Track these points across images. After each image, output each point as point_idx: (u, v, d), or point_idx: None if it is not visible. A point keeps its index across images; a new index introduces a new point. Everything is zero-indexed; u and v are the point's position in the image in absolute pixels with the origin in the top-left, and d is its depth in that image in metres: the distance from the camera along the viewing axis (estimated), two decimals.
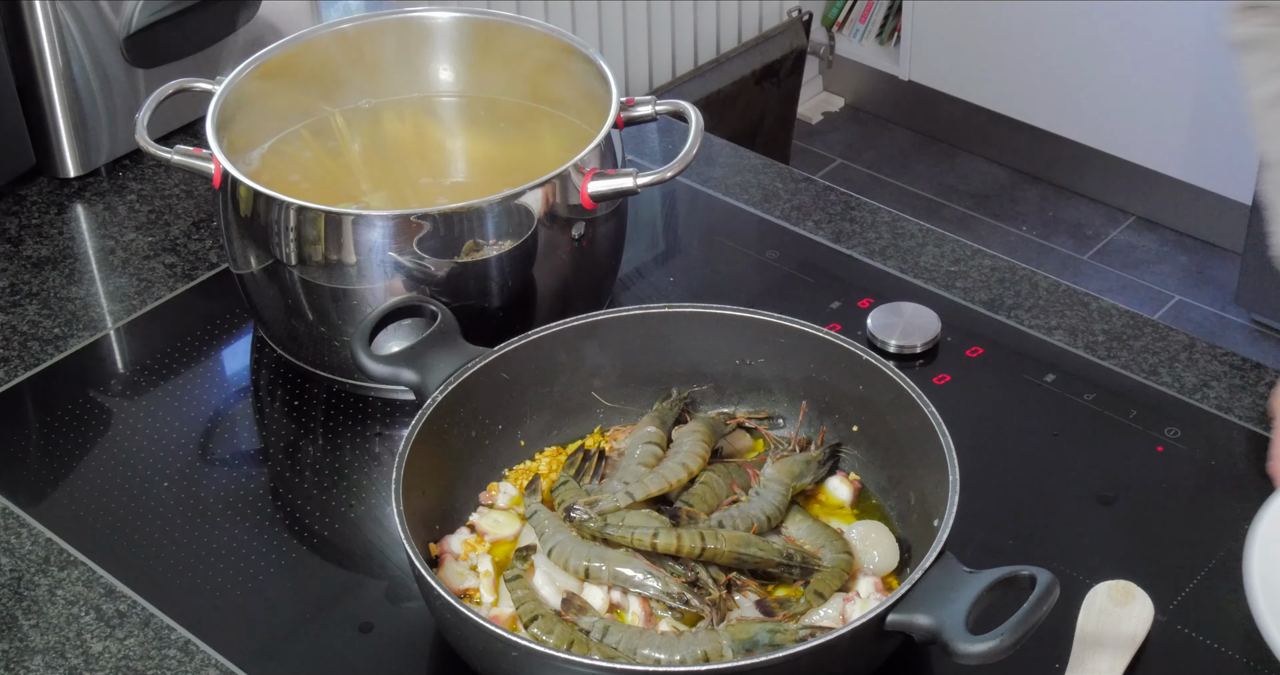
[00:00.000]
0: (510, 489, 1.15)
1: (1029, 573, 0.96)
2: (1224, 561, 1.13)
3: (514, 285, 1.25)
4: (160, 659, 1.09)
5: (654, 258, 1.45)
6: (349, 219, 1.20)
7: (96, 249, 1.46)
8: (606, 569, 1.05)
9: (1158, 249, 3.15)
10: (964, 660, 0.93)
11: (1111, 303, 1.36)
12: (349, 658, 1.08)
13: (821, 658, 0.95)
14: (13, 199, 1.52)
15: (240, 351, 1.35)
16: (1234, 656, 1.07)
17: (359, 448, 1.25)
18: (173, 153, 1.27)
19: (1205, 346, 1.31)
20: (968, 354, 1.30)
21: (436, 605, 1.01)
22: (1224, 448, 1.22)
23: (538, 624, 1.02)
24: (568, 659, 0.97)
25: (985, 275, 1.39)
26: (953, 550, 0.99)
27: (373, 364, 1.14)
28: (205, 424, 1.28)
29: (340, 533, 1.18)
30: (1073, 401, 1.26)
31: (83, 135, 1.52)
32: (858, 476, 1.15)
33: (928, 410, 1.08)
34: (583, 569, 1.05)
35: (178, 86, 1.33)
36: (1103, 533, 1.17)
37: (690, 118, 1.28)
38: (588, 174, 1.24)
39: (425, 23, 1.40)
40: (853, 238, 1.43)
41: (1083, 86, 3.15)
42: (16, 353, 1.34)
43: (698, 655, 0.99)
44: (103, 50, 1.50)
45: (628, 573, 1.05)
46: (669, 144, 1.56)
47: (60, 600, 1.13)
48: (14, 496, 1.21)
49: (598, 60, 1.33)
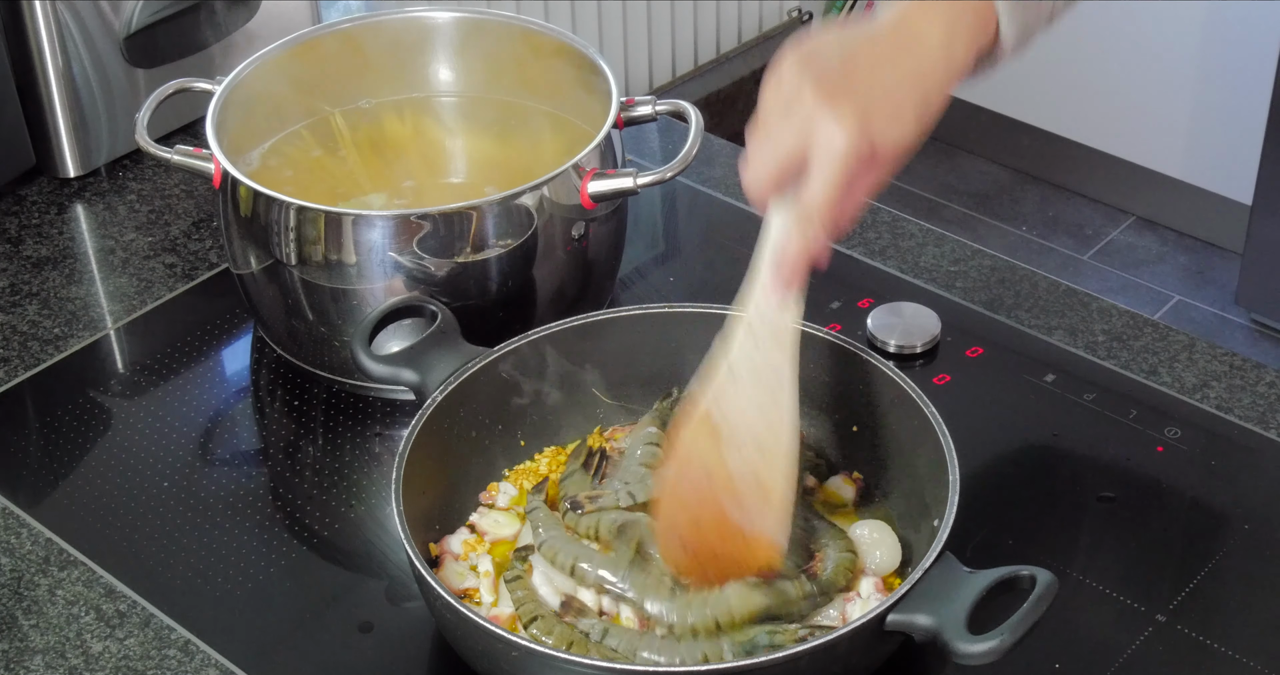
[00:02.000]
0: (510, 489, 1.15)
1: (1029, 573, 0.96)
2: (1224, 561, 1.13)
3: (514, 285, 1.25)
4: (160, 659, 1.09)
5: (654, 258, 1.45)
6: (349, 219, 1.20)
7: (96, 249, 1.46)
8: (592, 570, 1.05)
9: (1158, 249, 3.15)
10: (964, 660, 0.93)
11: (1111, 303, 1.36)
12: (349, 658, 1.08)
13: (821, 658, 0.95)
14: (13, 199, 1.52)
15: (240, 351, 1.35)
16: (1234, 657, 1.07)
17: (359, 448, 1.25)
18: (173, 153, 1.27)
19: (1205, 346, 1.31)
20: (968, 354, 1.30)
21: (436, 605, 1.01)
22: (1224, 448, 1.22)
23: (537, 625, 1.02)
24: (568, 659, 0.97)
25: (985, 275, 1.39)
26: (953, 550, 0.99)
27: (373, 364, 1.14)
28: (205, 424, 1.28)
29: (340, 533, 1.18)
30: (1073, 401, 1.26)
31: (83, 135, 1.52)
32: (860, 474, 1.15)
33: (928, 410, 1.08)
34: (569, 567, 1.05)
35: (178, 86, 1.33)
36: (1103, 533, 1.17)
37: (690, 118, 1.28)
38: (588, 174, 1.24)
39: (425, 23, 1.40)
40: (853, 238, 1.43)
41: (1083, 86, 3.15)
42: (16, 353, 1.34)
43: (698, 657, 0.99)
44: (103, 50, 1.50)
45: (610, 576, 1.04)
46: (669, 144, 1.56)
47: (60, 600, 1.13)
48: (14, 496, 1.21)
49: (598, 60, 1.33)
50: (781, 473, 1.01)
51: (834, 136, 0.90)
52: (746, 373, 1.00)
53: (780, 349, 1.00)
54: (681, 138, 1.29)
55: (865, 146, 0.91)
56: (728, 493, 1.02)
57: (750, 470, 1.01)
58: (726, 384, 1.01)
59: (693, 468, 1.02)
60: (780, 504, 1.02)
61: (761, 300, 0.99)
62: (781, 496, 1.01)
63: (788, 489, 1.02)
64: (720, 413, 1.01)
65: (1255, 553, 1.14)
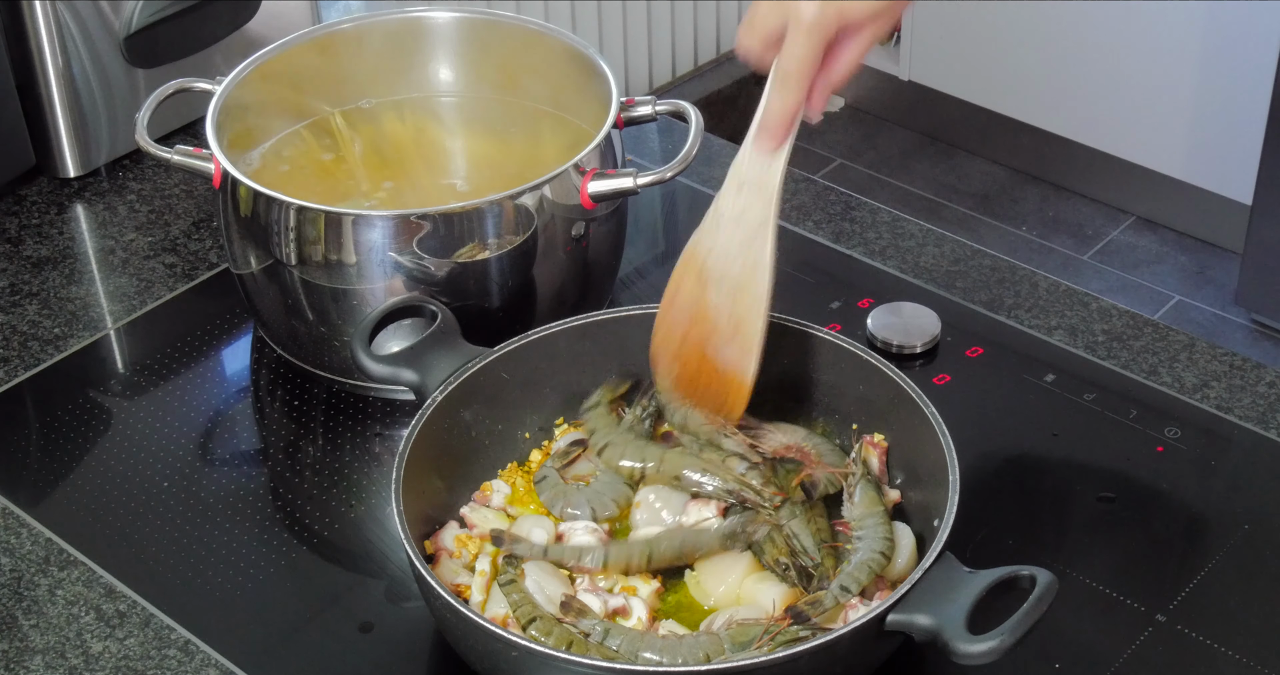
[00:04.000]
0: (504, 487, 1.15)
1: (1029, 573, 0.96)
2: (1224, 561, 1.13)
3: (514, 285, 1.25)
4: (160, 659, 1.09)
5: (654, 258, 1.45)
6: (349, 219, 1.20)
7: (96, 249, 1.46)
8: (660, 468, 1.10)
9: (1158, 249, 3.15)
10: (964, 660, 0.93)
11: (1111, 303, 1.36)
12: (349, 658, 1.08)
13: (821, 658, 0.95)
14: (13, 199, 1.52)
15: (240, 351, 1.35)
16: (1234, 656, 1.07)
17: (359, 448, 1.25)
18: (173, 153, 1.27)
19: (1205, 346, 1.31)
20: (968, 354, 1.30)
21: (436, 605, 1.01)
22: (1224, 448, 1.22)
23: (536, 626, 1.02)
24: (568, 659, 0.97)
25: (985, 275, 1.39)
26: (953, 550, 0.99)
27: (373, 364, 1.14)
28: (205, 424, 1.28)
29: (340, 533, 1.18)
30: (1073, 401, 1.26)
31: (83, 135, 1.52)
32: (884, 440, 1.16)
33: (928, 410, 1.08)
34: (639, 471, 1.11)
35: (178, 86, 1.33)
36: (1103, 533, 1.17)
37: (690, 118, 1.28)
38: (588, 174, 1.24)
39: (425, 23, 1.40)
40: (853, 238, 1.43)
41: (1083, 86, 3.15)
42: (16, 353, 1.34)
43: (699, 657, 0.99)
44: (103, 50, 1.50)
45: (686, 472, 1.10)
46: (669, 144, 1.56)
47: (60, 600, 1.13)
48: (14, 496, 1.21)
49: (598, 60, 1.33)
50: (752, 310, 1.10)
51: (803, 7, 1.01)
52: (730, 219, 1.09)
53: (763, 198, 1.08)
54: (681, 138, 1.29)
55: (833, 15, 1.01)
56: (704, 324, 1.11)
57: (725, 304, 1.10)
58: (712, 228, 1.10)
59: (680, 300, 1.13)
60: (748, 338, 1.10)
61: (749, 153, 1.08)
62: (750, 331, 1.10)
63: (758, 325, 1.10)
64: (704, 253, 1.11)
65: (1255, 553, 1.14)
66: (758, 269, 1.09)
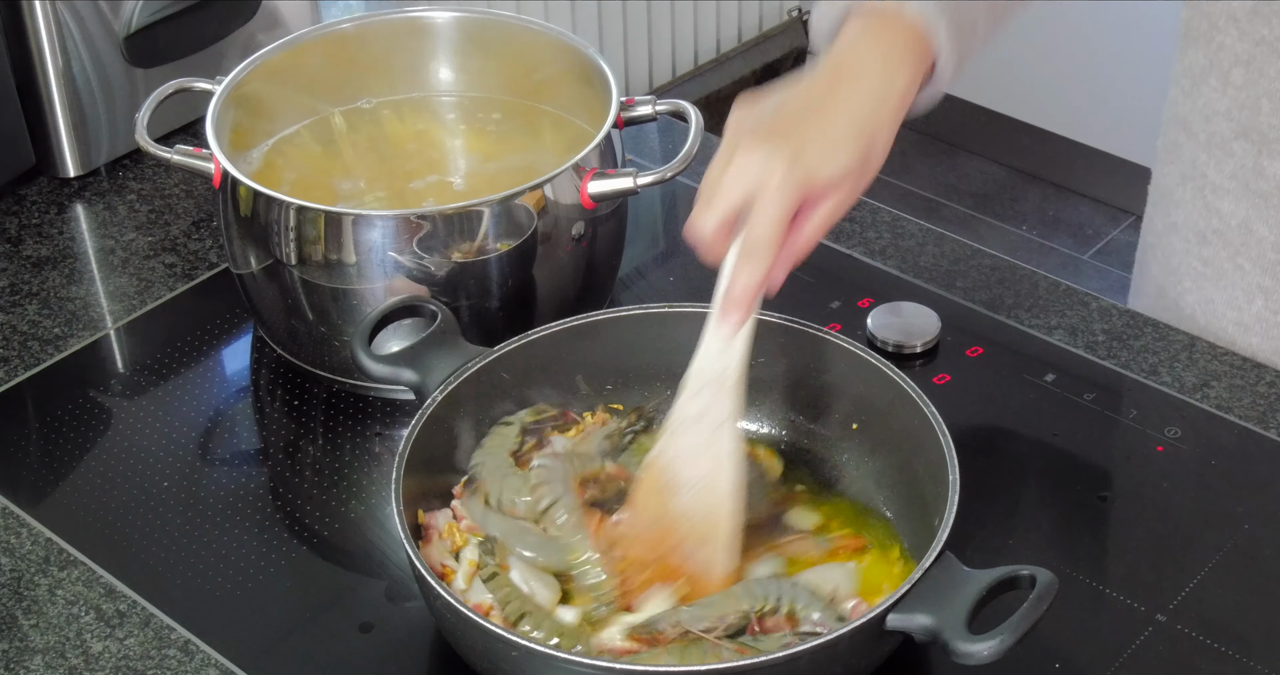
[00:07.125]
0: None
1: (1029, 573, 0.96)
2: (1224, 561, 1.13)
3: (514, 285, 1.25)
4: (160, 659, 1.09)
5: (654, 258, 1.45)
6: (349, 219, 1.20)
7: (96, 249, 1.46)
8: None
9: None
10: (964, 660, 0.93)
11: (1111, 302, 1.36)
12: (349, 658, 1.08)
13: (821, 658, 0.96)
14: (13, 199, 1.52)
15: (240, 351, 1.35)
16: (1234, 656, 1.07)
17: (359, 448, 1.25)
18: (173, 153, 1.27)
19: (1205, 346, 1.31)
20: (968, 354, 1.30)
21: (437, 605, 1.01)
22: (1224, 448, 1.22)
23: (527, 620, 1.02)
24: (568, 659, 0.97)
25: (985, 275, 1.39)
26: (953, 550, 0.99)
27: (373, 364, 1.14)
28: (205, 424, 1.28)
29: (340, 533, 1.18)
30: (1073, 401, 1.26)
31: (83, 135, 1.52)
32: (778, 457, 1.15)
33: (928, 410, 1.08)
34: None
35: (178, 86, 1.33)
36: (1103, 533, 1.17)
37: (690, 118, 1.28)
38: (588, 174, 1.24)
39: (425, 23, 1.40)
40: (853, 237, 1.43)
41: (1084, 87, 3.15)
42: (16, 353, 1.34)
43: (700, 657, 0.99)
44: (103, 50, 1.50)
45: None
46: (669, 144, 1.56)
47: (60, 600, 1.13)
48: (14, 496, 1.21)
49: (598, 60, 1.33)
50: (720, 508, 1.05)
51: (767, 174, 0.96)
52: (691, 420, 1.05)
53: (722, 395, 1.04)
54: (681, 138, 1.29)
55: (800, 179, 0.97)
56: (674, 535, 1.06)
57: (692, 507, 1.06)
58: (671, 434, 1.06)
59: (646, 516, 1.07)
60: (719, 538, 1.05)
61: (711, 345, 1.03)
62: (720, 531, 1.05)
63: (726, 525, 1.05)
64: (666, 461, 1.06)
65: (1255, 553, 1.14)
66: (721, 467, 1.05)
